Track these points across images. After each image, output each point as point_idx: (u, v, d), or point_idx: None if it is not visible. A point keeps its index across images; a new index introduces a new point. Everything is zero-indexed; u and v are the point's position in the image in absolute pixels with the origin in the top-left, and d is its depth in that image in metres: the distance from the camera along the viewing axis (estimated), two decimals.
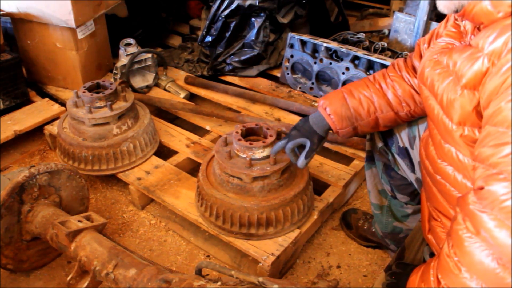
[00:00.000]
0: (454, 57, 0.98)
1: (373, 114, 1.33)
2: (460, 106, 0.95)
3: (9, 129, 2.23)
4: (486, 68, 0.88)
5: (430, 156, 1.13)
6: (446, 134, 1.02)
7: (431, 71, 1.06)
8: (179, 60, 2.92)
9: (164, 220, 1.94)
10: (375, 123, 1.35)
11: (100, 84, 2.02)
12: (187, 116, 2.40)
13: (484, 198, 0.80)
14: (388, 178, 1.51)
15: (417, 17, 2.70)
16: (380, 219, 1.64)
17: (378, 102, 1.32)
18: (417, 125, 1.35)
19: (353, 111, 1.33)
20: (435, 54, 1.07)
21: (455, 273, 0.85)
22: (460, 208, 0.87)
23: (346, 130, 1.36)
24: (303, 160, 1.39)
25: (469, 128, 0.95)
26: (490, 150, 0.81)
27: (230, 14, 2.54)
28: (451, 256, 0.87)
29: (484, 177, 0.81)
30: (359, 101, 1.33)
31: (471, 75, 0.91)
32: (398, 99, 1.31)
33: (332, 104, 1.35)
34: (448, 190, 1.07)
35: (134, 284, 1.28)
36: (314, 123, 1.38)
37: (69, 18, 2.30)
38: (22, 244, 1.58)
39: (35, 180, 1.54)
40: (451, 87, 0.97)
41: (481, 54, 0.89)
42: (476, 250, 0.81)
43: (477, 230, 0.81)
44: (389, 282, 1.26)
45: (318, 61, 2.44)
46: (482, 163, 0.83)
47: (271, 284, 1.13)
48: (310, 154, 1.38)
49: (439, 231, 1.16)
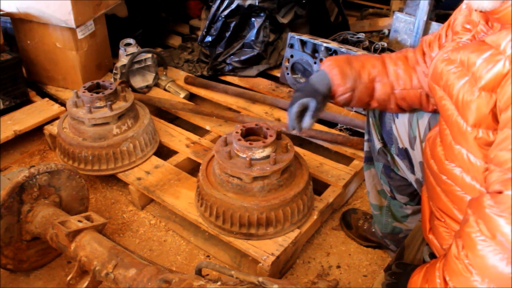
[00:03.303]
0: (469, 56, 0.96)
1: (373, 80, 1.32)
2: (476, 108, 0.94)
3: (9, 129, 2.23)
4: (507, 70, 0.87)
5: (437, 156, 1.12)
6: (459, 136, 1.01)
7: (445, 70, 1.05)
8: (179, 60, 2.92)
9: (164, 220, 1.94)
10: (372, 91, 1.33)
11: (100, 84, 2.02)
12: (187, 116, 2.40)
13: (502, 202, 0.80)
14: (387, 178, 1.51)
15: (417, 17, 2.70)
16: (380, 220, 1.64)
17: (380, 70, 1.32)
18: (417, 126, 1.35)
19: (355, 71, 1.31)
20: (445, 53, 1.07)
21: (466, 276, 0.85)
22: (473, 211, 0.86)
23: (345, 88, 1.31)
24: (309, 120, 1.31)
25: (484, 130, 0.94)
26: (509, 154, 0.81)
27: (230, 14, 2.54)
28: (460, 258, 0.86)
29: (502, 181, 0.81)
30: (363, 63, 1.32)
31: (490, 77, 0.90)
32: (397, 75, 1.31)
33: (336, 61, 1.33)
34: (454, 190, 1.07)
35: (134, 284, 1.28)
36: (316, 82, 1.34)
37: (69, 18, 2.30)
38: (22, 244, 1.58)
39: (35, 180, 1.54)
40: (467, 88, 0.96)
41: (502, 57, 0.88)
42: (489, 253, 0.81)
43: (493, 234, 0.81)
44: (389, 282, 1.26)
45: (318, 61, 2.44)
46: (499, 166, 0.83)
47: (271, 284, 1.13)
48: (315, 114, 1.31)
49: (442, 231, 1.15)
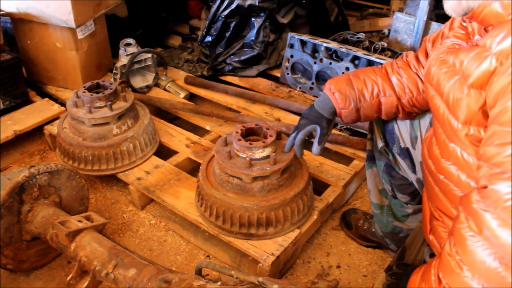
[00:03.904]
0: (460, 57, 0.97)
1: (377, 96, 1.34)
2: (466, 106, 0.94)
3: (9, 129, 2.23)
4: (494, 67, 0.87)
5: (434, 155, 1.13)
6: (452, 133, 1.02)
7: (437, 70, 1.06)
8: (179, 60, 2.92)
9: (164, 220, 1.94)
10: (378, 107, 1.35)
11: (100, 84, 2.02)
12: (187, 116, 2.40)
13: (487, 197, 0.80)
14: (389, 177, 1.51)
15: (417, 17, 2.70)
16: (380, 219, 1.64)
17: (382, 85, 1.33)
18: (419, 125, 1.35)
19: (357, 91, 1.33)
20: (441, 54, 1.07)
21: (457, 272, 0.85)
22: (463, 207, 0.86)
23: (349, 111, 1.35)
24: (317, 146, 1.37)
25: (475, 128, 0.95)
26: (495, 149, 0.81)
27: (230, 14, 2.55)
28: (452, 255, 0.86)
29: (488, 176, 0.81)
30: (364, 82, 1.34)
31: (478, 74, 0.91)
32: (402, 84, 1.32)
33: (337, 84, 1.35)
34: (451, 189, 1.07)
35: (134, 284, 1.28)
36: (320, 107, 1.38)
37: (69, 18, 2.30)
38: (22, 244, 1.58)
39: (35, 180, 1.54)
40: (457, 86, 0.97)
41: (489, 54, 0.88)
42: (478, 249, 0.81)
43: (480, 229, 0.81)
44: (389, 282, 1.26)
45: (318, 61, 2.44)
46: (486, 162, 0.83)
47: (271, 284, 1.13)
48: (322, 139, 1.37)
49: (441, 231, 1.15)
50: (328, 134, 1.39)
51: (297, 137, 1.41)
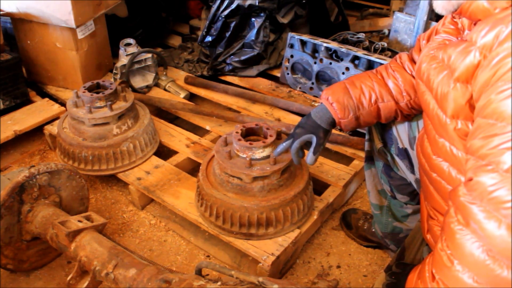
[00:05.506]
0: (448, 51, 0.98)
1: (375, 103, 1.33)
2: (453, 99, 0.96)
3: (9, 129, 2.23)
4: (478, 61, 0.89)
5: (426, 152, 1.14)
6: (441, 128, 1.02)
7: (428, 66, 1.07)
8: (179, 60, 2.92)
9: (164, 220, 1.94)
10: (377, 113, 1.35)
11: (100, 84, 2.02)
12: (187, 116, 2.40)
13: (473, 189, 0.80)
14: (388, 178, 1.51)
15: (417, 17, 2.70)
16: (380, 219, 1.64)
17: (379, 91, 1.32)
18: (417, 126, 1.35)
19: (355, 100, 1.33)
20: (431, 50, 1.08)
21: (448, 266, 0.85)
22: (452, 201, 0.87)
23: (348, 120, 1.34)
24: (312, 156, 1.36)
25: (463, 122, 0.96)
26: (480, 142, 0.82)
27: (230, 14, 2.55)
28: (444, 249, 0.87)
29: (474, 169, 0.82)
30: (361, 89, 1.33)
31: (463, 68, 0.92)
32: (399, 88, 1.31)
33: (334, 94, 1.34)
34: (444, 187, 1.08)
35: (134, 284, 1.28)
36: (317, 117, 1.37)
37: (69, 18, 2.30)
38: (22, 244, 1.58)
39: (35, 180, 1.54)
40: (445, 80, 0.98)
41: (473, 48, 0.90)
42: (467, 242, 0.81)
43: (467, 222, 0.81)
44: (389, 282, 1.26)
45: (318, 61, 2.44)
46: (472, 155, 0.84)
47: (271, 284, 1.13)
48: (317, 149, 1.36)
49: (437, 230, 1.16)
50: (324, 144, 1.38)
51: (292, 145, 1.39)
